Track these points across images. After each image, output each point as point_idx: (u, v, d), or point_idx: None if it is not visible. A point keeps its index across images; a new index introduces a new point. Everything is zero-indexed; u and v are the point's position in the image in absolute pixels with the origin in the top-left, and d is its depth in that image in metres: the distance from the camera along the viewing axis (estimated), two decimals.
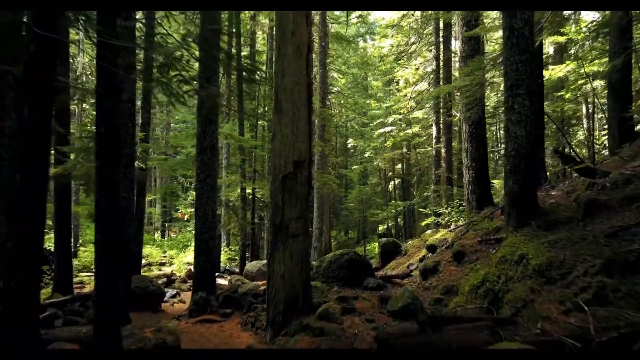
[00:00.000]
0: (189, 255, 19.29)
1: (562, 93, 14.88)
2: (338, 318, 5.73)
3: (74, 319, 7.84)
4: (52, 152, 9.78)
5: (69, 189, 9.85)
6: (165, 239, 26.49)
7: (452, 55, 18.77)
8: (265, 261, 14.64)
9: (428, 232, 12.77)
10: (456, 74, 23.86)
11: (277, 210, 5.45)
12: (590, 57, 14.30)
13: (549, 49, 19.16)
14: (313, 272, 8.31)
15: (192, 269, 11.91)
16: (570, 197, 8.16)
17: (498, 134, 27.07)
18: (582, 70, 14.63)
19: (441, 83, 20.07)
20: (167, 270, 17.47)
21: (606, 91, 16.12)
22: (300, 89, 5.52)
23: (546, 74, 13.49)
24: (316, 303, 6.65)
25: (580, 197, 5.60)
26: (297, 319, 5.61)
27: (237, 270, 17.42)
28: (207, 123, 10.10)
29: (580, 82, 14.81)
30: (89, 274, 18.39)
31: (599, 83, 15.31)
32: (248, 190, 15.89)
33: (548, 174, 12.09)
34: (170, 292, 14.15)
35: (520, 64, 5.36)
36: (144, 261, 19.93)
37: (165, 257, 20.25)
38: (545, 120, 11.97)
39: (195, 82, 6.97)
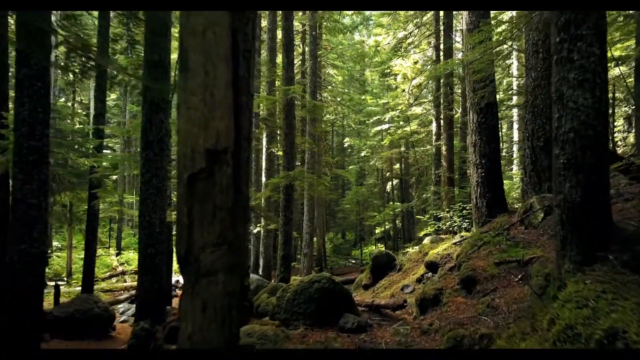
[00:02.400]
0: None
1: None
2: None
3: None
4: None
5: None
6: None
7: (454, 43, 16.40)
8: None
9: (427, 241, 10.42)
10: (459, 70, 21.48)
11: (181, 231, 3.05)
12: (612, 40, 11.94)
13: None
14: (274, 305, 5.98)
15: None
16: (616, 202, 5.81)
17: (500, 131, 24.60)
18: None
19: (441, 75, 17.69)
20: None
21: (630, 79, 13.72)
22: (218, 34, 3.09)
23: None
24: None
25: None
26: None
27: None
28: (153, 111, 7.81)
29: None
30: (61, 282, 16.20)
31: (620, 70, 12.88)
32: None
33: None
34: (133, 308, 11.88)
35: None
36: (120, 268, 17.68)
37: None
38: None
39: None
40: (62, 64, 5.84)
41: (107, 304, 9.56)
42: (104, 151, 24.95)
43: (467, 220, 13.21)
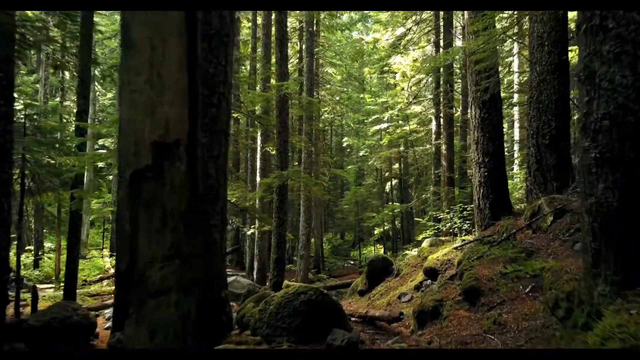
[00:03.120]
0: None
1: None
2: None
3: None
4: None
5: None
6: None
7: (454, 39, 15.74)
8: (233, 277, 11.70)
9: (426, 244, 9.77)
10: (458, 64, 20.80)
11: (122, 241, 2.39)
12: None
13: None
14: (255, 319, 5.33)
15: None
16: None
17: None
18: None
19: (441, 71, 17.05)
20: None
21: None
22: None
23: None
24: None
25: None
26: None
27: None
28: None
29: None
30: (50, 285, 15.59)
31: None
32: None
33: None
34: None
35: None
36: (112, 270, 17.04)
37: None
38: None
39: None
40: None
41: (87, 311, 8.91)
42: (101, 150, 24.32)
43: (467, 222, 12.54)
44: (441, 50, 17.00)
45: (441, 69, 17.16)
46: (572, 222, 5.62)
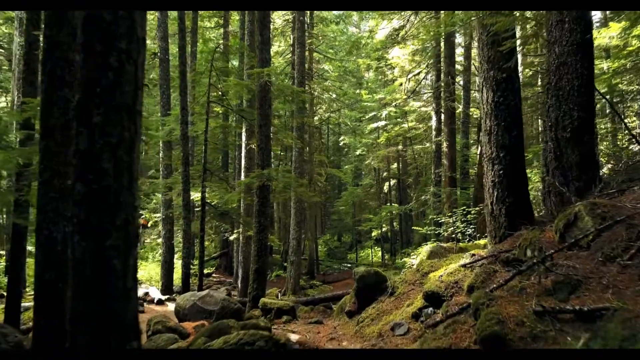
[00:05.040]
0: (141, 271, 14.68)
1: (609, 64, 10.08)
2: None
3: None
4: None
5: None
6: None
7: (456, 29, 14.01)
8: (205, 292, 9.99)
9: (424, 253, 8.10)
10: (460, 58, 19.06)
11: None
12: None
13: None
14: None
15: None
16: None
17: None
18: None
19: (442, 64, 15.34)
20: None
21: None
22: None
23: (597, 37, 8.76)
24: None
25: None
26: None
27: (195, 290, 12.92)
28: (55, 86, 5.50)
29: (632, 47, 10.01)
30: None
31: None
32: (197, 195, 11.25)
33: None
34: None
35: None
36: None
37: None
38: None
39: None
40: None
41: (21, 336, 7.23)
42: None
43: (471, 226, 10.85)
44: (442, 42, 15.32)
45: (441, 62, 15.46)
46: (630, 238, 3.92)
